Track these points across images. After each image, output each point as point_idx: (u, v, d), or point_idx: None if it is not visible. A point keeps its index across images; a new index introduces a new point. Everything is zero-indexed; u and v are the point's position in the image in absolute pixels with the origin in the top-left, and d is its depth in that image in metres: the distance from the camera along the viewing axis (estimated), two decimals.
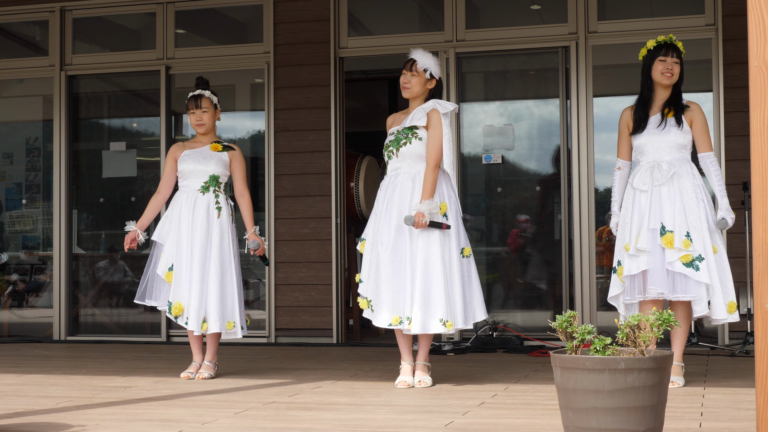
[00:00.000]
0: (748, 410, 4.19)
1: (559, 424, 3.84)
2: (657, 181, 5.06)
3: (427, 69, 5.27)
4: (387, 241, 5.14)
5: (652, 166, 5.10)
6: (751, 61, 3.00)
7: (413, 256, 5.10)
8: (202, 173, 5.71)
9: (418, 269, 5.07)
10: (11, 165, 9.15)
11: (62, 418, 4.21)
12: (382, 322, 5.12)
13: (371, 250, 5.21)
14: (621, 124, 5.29)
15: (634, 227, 5.07)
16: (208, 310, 5.58)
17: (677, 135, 5.11)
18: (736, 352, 6.45)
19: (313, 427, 3.99)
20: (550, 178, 7.83)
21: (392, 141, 5.27)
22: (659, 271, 4.98)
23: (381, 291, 5.12)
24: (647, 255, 5.00)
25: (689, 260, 4.96)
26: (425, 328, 5.03)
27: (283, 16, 8.10)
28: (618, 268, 5.13)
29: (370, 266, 5.19)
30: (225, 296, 5.63)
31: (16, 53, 9.07)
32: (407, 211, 5.12)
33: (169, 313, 5.61)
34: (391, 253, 5.13)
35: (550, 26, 7.65)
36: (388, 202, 5.21)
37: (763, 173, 2.97)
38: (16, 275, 9.11)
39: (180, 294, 5.59)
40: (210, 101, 5.82)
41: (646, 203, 5.06)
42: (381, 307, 5.13)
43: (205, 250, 5.62)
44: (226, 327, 5.61)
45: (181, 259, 5.63)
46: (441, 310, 5.03)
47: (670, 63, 5.15)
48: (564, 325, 3.27)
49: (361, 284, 5.22)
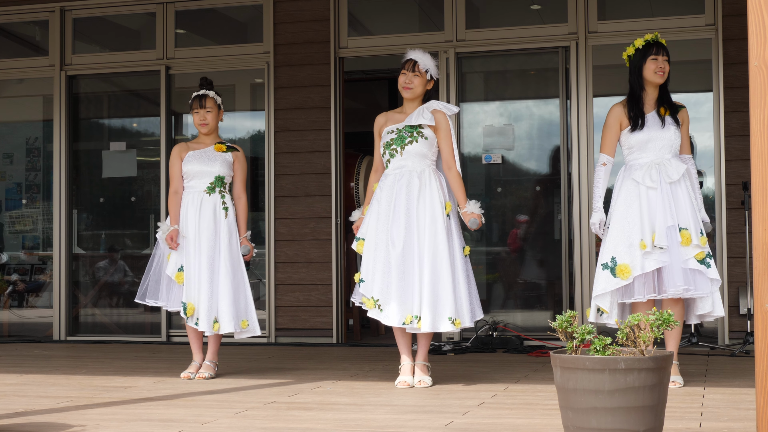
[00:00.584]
0: (748, 410, 4.19)
1: (559, 424, 3.84)
2: (669, 178, 5.04)
3: (428, 70, 5.29)
4: (397, 240, 5.14)
5: (658, 162, 5.09)
6: (751, 61, 3.00)
7: (421, 255, 5.10)
8: (208, 174, 5.72)
9: (426, 268, 5.08)
10: (11, 165, 9.15)
11: (62, 418, 4.21)
12: (394, 321, 5.10)
13: (375, 249, 5.18)
14: (612, 119, 5.19)
15: (647, 224, 5.00)
16: (219, 310, 5.59)
17: (675, 133, 5.14)
18: (736, 352, 6.45)
19: (313, 427, 3.99)
20: (550, 178, 7.83)
21: (395, 139, 5.26)
22: (677, 268, 4.97)
23: (392, 290, 5.10)
24: (661, 253, 4.97)
25: (702, 257, 4.98)
26: (435, 326, 5.05)
27: (283, 16, 8.10)
28: (618, 265, 5.01)
29: (375, 265, 5.16)
30: (238, 295, 5.65)
31: (16, 53, 9.07)
32: (416, 210, 5.14)
33: (183, 314, 5.61)
34: (402, 252, 5.12)
35: (550, 26, 7.65)
36: (395, 200, 5.20)
37: (763, 173, 2.97)
38: (16, 275, 9.11)
39: (192, 295, 5.60)
40: (214, 101, 5.83)
41: (658, 200, 5.02)
42: (391, 306, 5.10)
43: (213, 250, 5.63)
44: (240, 326, 5.62)
45: (189, 259, 5.63)
46: (450, 308, 5.06)
47: (661, 61, 5.17)
48: (564, 325, 3.27)
49: (363, 284, 5.19)
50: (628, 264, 4.98)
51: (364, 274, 5.20)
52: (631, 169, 5.15)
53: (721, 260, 7.06)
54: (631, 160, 5.17)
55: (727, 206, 7.11)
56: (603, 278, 5.04)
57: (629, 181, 5.11)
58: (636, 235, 5.01)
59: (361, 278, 5.21)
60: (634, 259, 4.98)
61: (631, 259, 4.98)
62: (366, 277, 5.19)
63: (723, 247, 7.07)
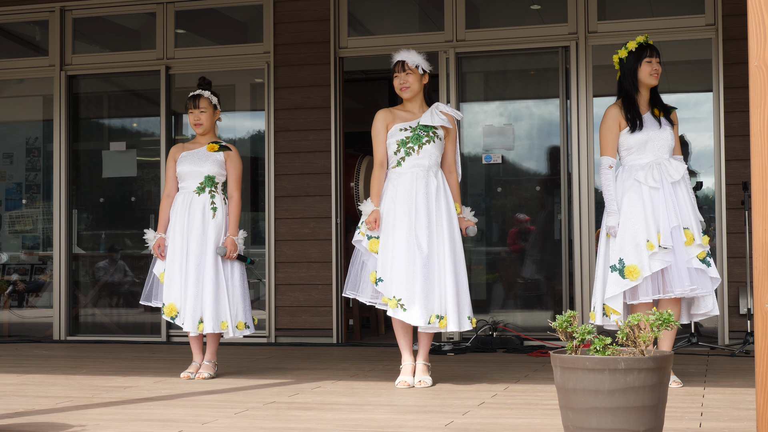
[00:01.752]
0: (748, 410, 4.19)
1: (559, 424, 3.84)
2: (671, 177, 5.05)
3: (418, 65, 5.32)
4: (423, 241, 5.13)
5: (658, 163, 5.09)
6: (751, 61, 3.00)
7: (444, 255, 5.14)
8: (198, 174, 5.71)
9: (449, 268, 5.12)
10: (11, 165, 9.15)
11: (62, 418, 4.21)
12: (420, 321, 5.08)
13: (394, 249, 5.14)
14: (610, 121, 5.16)
15: (652, 225, 4.98)
16: (204, 310, 5.57)
17: (671, 134, 5.18)
18: (736, 352, 6.45)
19: (313, 427, 3.99)
20: (550, 178, 7.83)
21: (411, 137, 5.26)
22: (682, 268, 4.97)
23: (416, 290, 5.08)
24: (665, 253, 4.96)
25: (704, 256, 5.01)
26: (461, 326, 5.15)
27: (283, 16, 8.10)
28: (626, 267, 4.96)
29: (393, 264, 5.12)
30: (219, 296, 5.61)
31: (16, 53, 9.07)
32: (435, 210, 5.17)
33: (163, 314, 5.61)
34: (427, 252, 5.13)
35: (550, 26, 7.65)
36: (415, 200, 5.18)
37: (763, 173, 2.97)
38: (16, 275, 9.11)
39: (172, 295, 5.60)
40: (209, 101, 5.82)
41: (661, 201, 5.02)
42: (415, 307, 5.08)
43: (200, 251, 5.61)
44: (220, 327, 5.59)
45: (174, 260, 5.63)
46: (468, 307, 5.20)
47: (655, 64, 5.19)
48: (564, 325, 3.27)
49: (382, 283, 5.14)
50: (637, 265, 4.95)
51: (381, 273, 5.16)
52: (630, 170, 5.14)
53: (721, 260, 7.06)
54: (629, 161, 5.16)
55: (727, 206, 7.11)
56: (613, 281, 5.01)
57: (631, 182, 5.10)
58: (642, 235, 4.98)
59: (379, 277, 5.16)
60: (642, 259, 4.96)
61: (639, 259, 4.96)
62: (384, 276, 5.15)
63: (723, 247, 7.07)
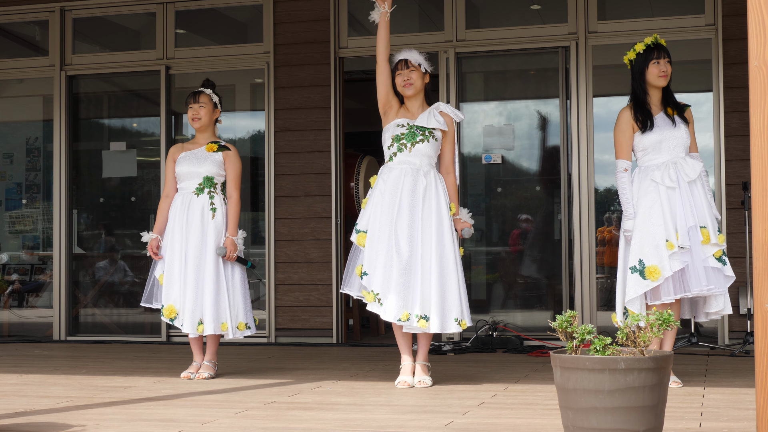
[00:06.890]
0: (748, 410, 4.20)
1: (559, 424, 3.84)
2: (687, 176, 5.03)
3: (420, 64, 5.33)
4: (401, 236, 5.12)
5: (674, 162, 5.08)
6: (751, 61, 3.00)
7: (429, 255, 5.11)
8: (196, 175, 5.70)
9: (434, 269, 5.08)
10: (11, 165, 9.15)
11: (62, 418, 4.21)
12: (391, 316, 5.08)
13: (378, 242, 5.15)
14: (624, 124, 5.14)
15: (670, 224, 4.96)
16: (204, 312, 5.57)
17: (686, 132, 5.14)
18: (736, 352, 6.45)
19: (313, 427, 3.99)
20: (550, 178, 7.83)
21: (406, 134, 5.26)
22: (699, 267, 4.96)
23: (391, 284, 5.08)
24: (683, 252, 4.94)
25: (720, 255, 5.00)
26: (444, 328, 5.06)
27: (283, 16, 8.11)
28: (647, 267, 4.91)
29: (377, 259, 5.13)
30: (220, 297, 5.61)
31: (16, 53, 9.07)
32: (421, 209, 5.15)
33: (162, 315, 5.60)
34: (404, 248, 5.11)
35: (550, 26, 7.65)
36: (399, 195, 5.18)
37: (763, 173, 2.97)
38: (16, 275, 9.11)
39: (171, 297, 5.59)
40: (209, 98, 5.80)
41: (678, 200, 5.00)
42: (389, 300, 5.07)
43: (199, 252, 5.60)
44: (220, 328, 5.59)
45: (173, 261, 5.61)
46: (456, 309, 5.10)
47: (664, 64, 5.16)
48: (564, 325, 3.27)
49: (367, 277, 5.15)
50: (657, 265, 4.92)
51: (367, 267, 5.15)
52: (647, 170, 5.10)
53: None
54: (645, 161, 5.13)
55: (727, 206, 7.11)
56: (633, 282, 4.97)
57: (648, 182, 5.07)
58: (661, 235, 4.95)
59: (364, 271, 5.16)
60: (662, 259, 4.93)
61: (659, 260, 4.93)
62: (369, 270, 5.15)
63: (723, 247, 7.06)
